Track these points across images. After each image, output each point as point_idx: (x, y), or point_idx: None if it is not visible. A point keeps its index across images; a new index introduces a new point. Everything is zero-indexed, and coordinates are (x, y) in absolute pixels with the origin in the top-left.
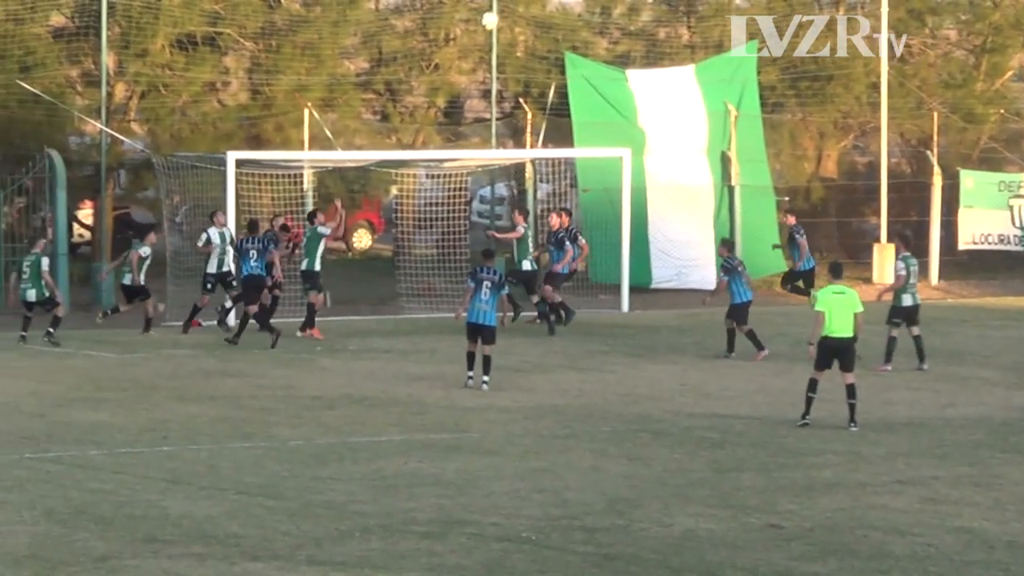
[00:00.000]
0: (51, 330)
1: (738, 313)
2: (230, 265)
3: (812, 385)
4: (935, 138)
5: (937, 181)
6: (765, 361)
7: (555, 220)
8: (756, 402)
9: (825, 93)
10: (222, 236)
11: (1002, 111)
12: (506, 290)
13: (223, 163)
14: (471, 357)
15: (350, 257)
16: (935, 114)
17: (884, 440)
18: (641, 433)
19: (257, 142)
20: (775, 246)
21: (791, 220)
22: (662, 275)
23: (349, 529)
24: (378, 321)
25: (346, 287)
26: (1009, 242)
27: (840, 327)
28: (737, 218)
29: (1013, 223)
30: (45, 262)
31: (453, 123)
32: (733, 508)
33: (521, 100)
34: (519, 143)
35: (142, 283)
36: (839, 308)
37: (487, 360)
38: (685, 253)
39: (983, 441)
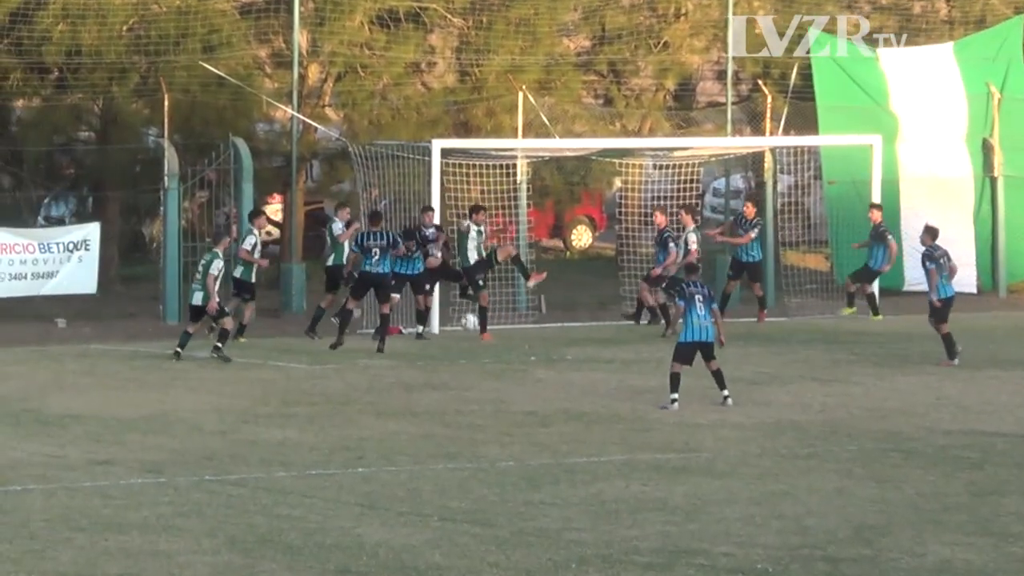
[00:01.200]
0: (219, 345)
1: (941, 311)
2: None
3: None
4: None
5: None
6: None
7: (660, 218)
8: (1021, 418)
9: None
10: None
11: None
12: (716, 304)
13: (428, 152)
14: (676, 379)
15: (568, 257)
16: None
17: None
18: (891, 452)
19: (465, 129)
20: None
21: None
22: (917, 276)
23: (565, 560)
24: (599, 327)
25: (563, 289)
26: None
27: None
28: (1000, 213)
29: None
30: (217, 264)
31: (684, 108)
32: (994, 536)
33: (760, 82)
34: (757, 130)
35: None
36: None
37: (719, 375)
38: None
39: None
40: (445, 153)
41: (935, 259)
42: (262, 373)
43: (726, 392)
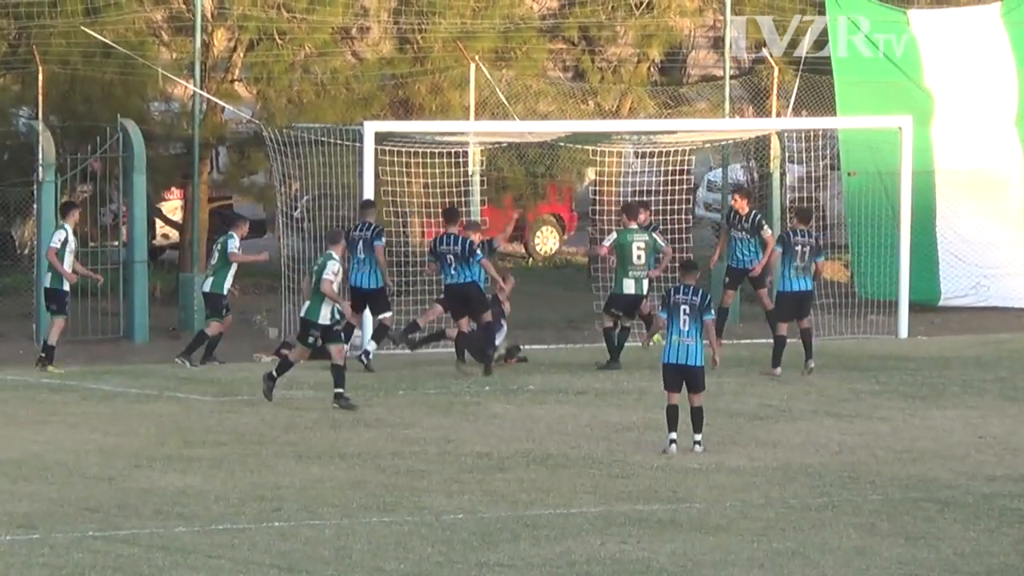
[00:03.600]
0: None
1: (781, 311)
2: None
3: None
4: None
5: None
6: None
7: (739, 202)
8: None
9: None
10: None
11: None
12: (712, 314)
13: (359, 137)
14: (671, 413)
15: (530, 265)
16: None
17: None
18: (923, 503)
19: (405, 109)
20: None
21: None
22: (955, 288)
23: None
24: (568, 351)
25: (525, 305)
26: None
27: None
28: None
29: None
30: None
31: (672, 83)
32: None
33: (766, 51)
34: (761, 110)
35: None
36: None
37: (698, 414)
38: (987, 258)
39: None
40: (380, 138)
41: (790, 244)
42: (158, 406)
43: (698, 437)
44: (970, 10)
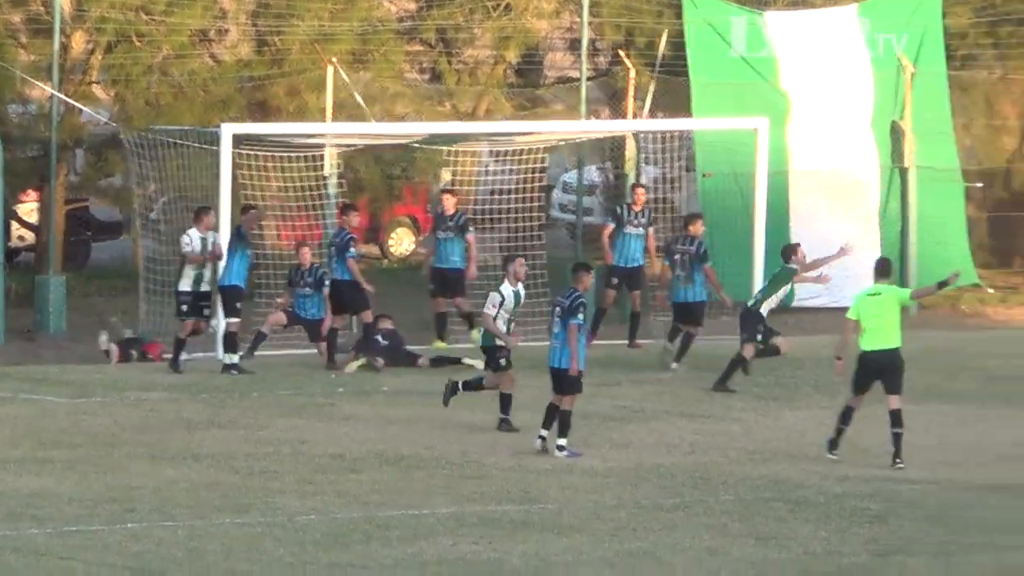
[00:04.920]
0: None
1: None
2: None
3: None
4: None
5: None
6: (951, 408)
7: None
8: (932, 461)
9: None
10: (203, 242)
11: None
12: (579, 319)
13: (216, 140)
14: (548, 411)
15: (385, 266)
16: None
17: None
18: (775, 503)
19: (263, 111)
20: None
21: None
22: (809, 289)
23: None
24: (423, 352)
25: (379, 306)
26: None
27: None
28: (911, 211)
29: None
30: None
31: (529, 85)
32: None
33: (621, 53)
34: (617, 111)
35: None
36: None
37: (563, 418)
38: (842, 260)
39: None
40: (238, 141)
41: (671, 253)
42: (12, 409)
43: (560, 441)
44: (827, 12)
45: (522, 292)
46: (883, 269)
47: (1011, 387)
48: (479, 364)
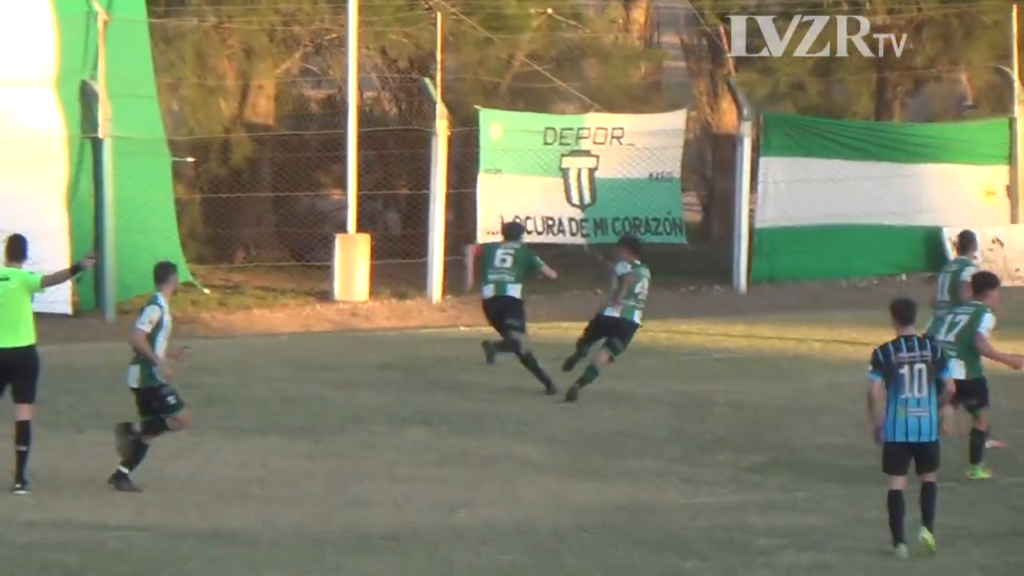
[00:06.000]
0: None
1: None
2: None
3: None
4: (439, 57)
5: (442, 128)
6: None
7: None
8: (141, 503)
9: None
10: None
11: (548, 10)
12: None
13: None
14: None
15: None
16: (438, 15)
17: None
18: None
19: None
20: None
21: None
22: None
23: None
24: None
25: None
26: (563, 230)
27: None
28: (107, 192)
29: (568, 197)
30: None
31: None
32: None
33: None
34: None
35: None
36: None
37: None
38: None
39: None
40: None
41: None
42: None
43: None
44: None
45: None
46: (14, 250)
47: (228, 409)
48: None
